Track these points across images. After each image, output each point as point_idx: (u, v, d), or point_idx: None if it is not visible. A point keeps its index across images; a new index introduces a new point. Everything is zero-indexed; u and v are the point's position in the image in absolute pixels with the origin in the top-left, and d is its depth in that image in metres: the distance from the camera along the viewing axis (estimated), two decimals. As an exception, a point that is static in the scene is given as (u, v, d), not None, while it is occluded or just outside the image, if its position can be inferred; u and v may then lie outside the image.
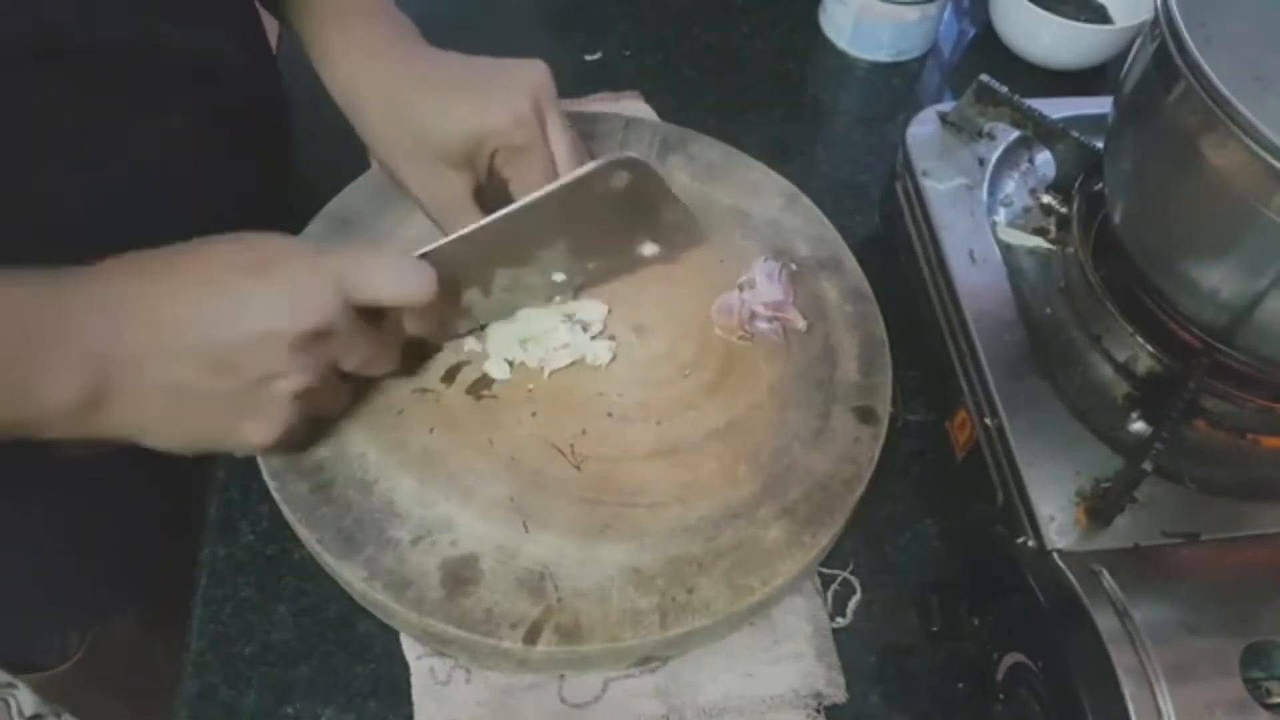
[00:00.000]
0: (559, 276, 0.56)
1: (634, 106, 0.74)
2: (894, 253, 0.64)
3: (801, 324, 0.57)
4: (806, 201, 0.64)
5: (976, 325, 0.55)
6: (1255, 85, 0.41)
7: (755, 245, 0.61)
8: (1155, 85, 0.47)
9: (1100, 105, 0.58)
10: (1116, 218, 0.53)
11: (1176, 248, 0.49)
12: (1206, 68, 0.41)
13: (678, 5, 0.83)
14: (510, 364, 0.55)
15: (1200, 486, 0.51)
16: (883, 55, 0.79)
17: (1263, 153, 0.40)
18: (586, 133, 0.66)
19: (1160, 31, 0.45)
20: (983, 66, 0.80)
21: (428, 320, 0.51)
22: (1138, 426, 0.53)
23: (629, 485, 0.50)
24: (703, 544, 0.49)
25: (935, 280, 0.59)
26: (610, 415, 0.54)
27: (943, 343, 0.58)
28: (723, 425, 0.54)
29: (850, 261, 0.62)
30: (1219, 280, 0.47)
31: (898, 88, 0.79)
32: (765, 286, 0.58)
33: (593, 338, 0.56)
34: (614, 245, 0.57)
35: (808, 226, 0.63)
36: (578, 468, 0.51)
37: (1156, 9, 0.46)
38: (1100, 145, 0.58)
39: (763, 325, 0.57)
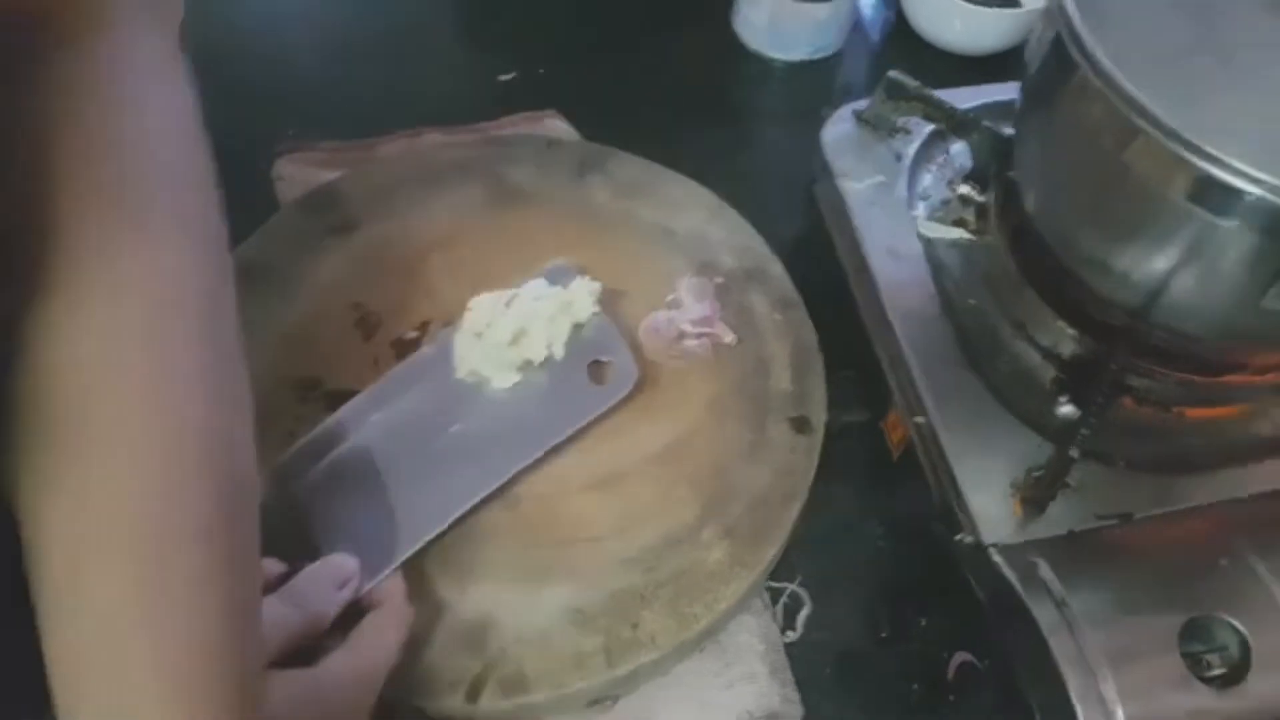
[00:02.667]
0: None
1: (554, 126, 0.73)
2: (820, 254, 0.65)
3: (730, 338, 0.58)
4: (731, 212, 0.64)
5: (900, 323, 0.55)
6: (1150, 69, 0.41)
7: (680, 261, 0.61)
8: (1054, 72, 0.47)
9: (1012, 91, 0.59)
10: (1029, 205, 0.54)
11: (1086, 232, 0.50)
12: (1100, 54, 0.42)
13: (590, 19, 0.83)
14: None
15: (1130, 465, 0.51)
16: (800, 54, 0.79)
17: (1161, 137, 0.40)
18: (505, 156, 0.66)
19: (1056, 17, 0.45)
20: (899, 56, 0.82)
21: None
22: (1066, 410, 0.53)
23: (566, 520, 0.50)
24: (644, 575, 0.49)
25: (859, 280, 0.59)
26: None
27: (869, 342, 0.58)
28: (659, 448, 0.54)
29: (777, 269, 0.62)
30: (1129, 263, 0.48)
31: (818, 85, 0.79)
32: (692, 304, 0.58)
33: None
34: None
35: (733, 237, 0.63)
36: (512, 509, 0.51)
37: (1050, -5, 0.46)
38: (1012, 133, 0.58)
39: (692, 343, 0.57)
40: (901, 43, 0.82)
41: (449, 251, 0.60)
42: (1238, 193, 0.39)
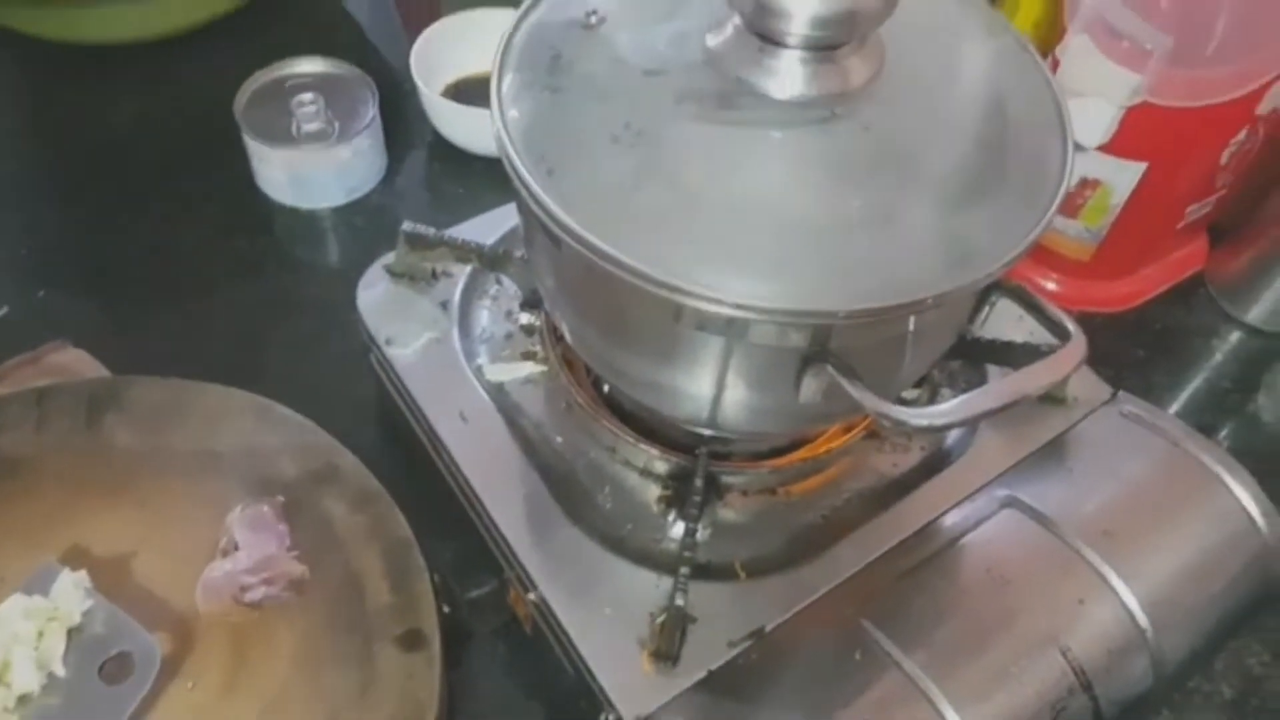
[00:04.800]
0: None
1: (64, 359, 0.62)
2: (400, 417, 0.58)
3: (300, 571, 0.50)
4: (281, 410, 0.56)
5: (487, 494, 0.50)
6: (605, 210, 0.38)
7: (234, 488, 0.53)
8: (526, 215, 0.44)
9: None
10: (566, 335, 0.50)
11: (619, 360, 0.47)
12: (553, 205, 0.38)
13: (89, 215, 0.72)
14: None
15: (752, 573, 0.49)
16: (337, 199, 0.73)
17: (633, 279, 0.37)
18: (-9, 428, 0.54)
19: (506, 167, 0.42)
20: (442, 173, 0.78)
21: None
22: (678, 529, 0.51)
23: None
24: None
25: (437, 453, 0.53)
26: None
27: (467, 518, 0.52)
28: (251, 730, 0.46)
29: (348, 461, 0.55)
30: (671, 385, 0.44)
31: (364, 227, 0.73)
32: (251, 541, 0.50)
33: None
34: None
35: (289, 438, 0.55)
36: None
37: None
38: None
39: (260, 593, 0.49)
40: (446, 155, 0.77)
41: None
42: (728, 318, 0.37)
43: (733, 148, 0.38)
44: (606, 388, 0.55)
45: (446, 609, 0.51)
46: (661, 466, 0.52)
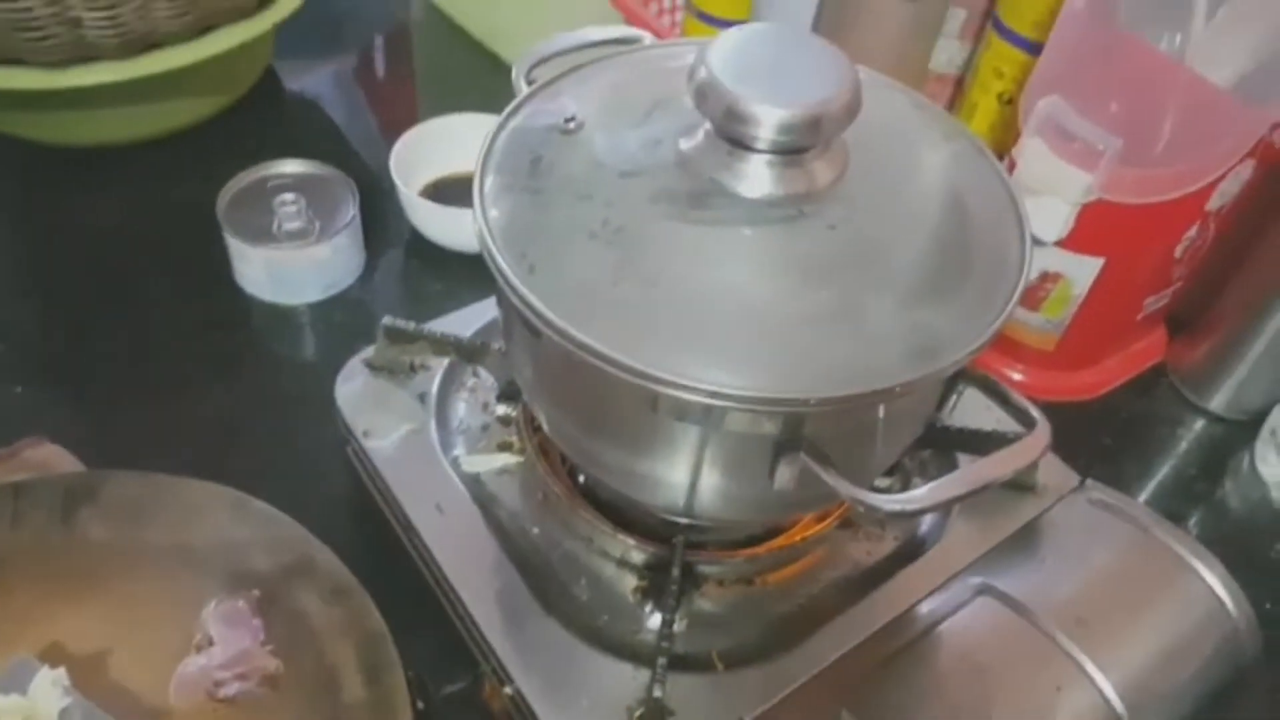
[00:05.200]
0: None
1: (41, 454, 0.62)
2: (375, 509, 0.58)
3: (274, 665, 0.49)
4: (256, 504, 0.56)
5: (462, 587, 0.50)
6: (584, 306, 0.39)
7: (209, 582, 0.52)
8: (507, 308, 0.45)
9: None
10: (544, 425, 0.51)
11: (597, 449, 0.47)
12: (535, 300, 0.39)
13: (67, 312, 0.73)
14: None
15: (730, 664, 0.49)
16: (315, 295, 0.74)
17: (614, 370, 0.38)
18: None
19: (489, 264, 0.43)
20: (419, 270, 0.79)
21: None
22: (655, 620, 0.51)
23: None
24: None
25: (412, 544, 0.53)
26: None
27: (442, 610, 0.52)
28: (219, 835, 0.44)
29: (323, 555, 0.54)
30: (650, 474, 0.45)
31: (341, 322, 0.74)
32: (225, 636, 0.49)
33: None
34: None
35: (264, 531, 0.55)
36: None
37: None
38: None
39: (234, 688, 0.48)
40: (423, 252, 0.79)
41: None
42: (704, 406, 0.38)
43: (706, 244, 0.40)
44: (582, 478, 0.55)
45: (421, 705, 0.50)
46: (638, 556, 0.52)
